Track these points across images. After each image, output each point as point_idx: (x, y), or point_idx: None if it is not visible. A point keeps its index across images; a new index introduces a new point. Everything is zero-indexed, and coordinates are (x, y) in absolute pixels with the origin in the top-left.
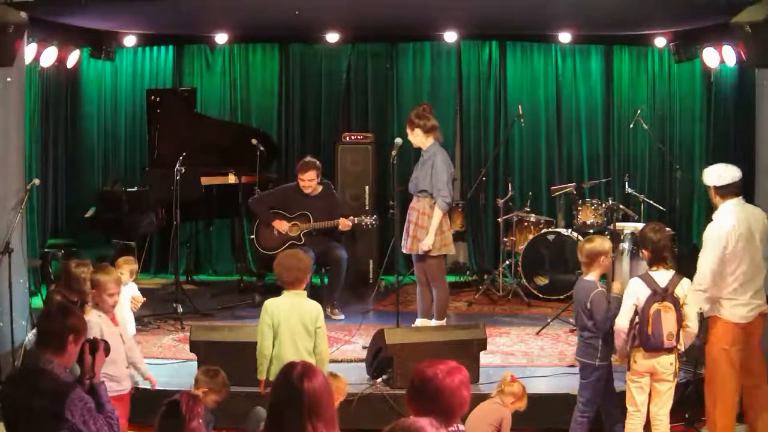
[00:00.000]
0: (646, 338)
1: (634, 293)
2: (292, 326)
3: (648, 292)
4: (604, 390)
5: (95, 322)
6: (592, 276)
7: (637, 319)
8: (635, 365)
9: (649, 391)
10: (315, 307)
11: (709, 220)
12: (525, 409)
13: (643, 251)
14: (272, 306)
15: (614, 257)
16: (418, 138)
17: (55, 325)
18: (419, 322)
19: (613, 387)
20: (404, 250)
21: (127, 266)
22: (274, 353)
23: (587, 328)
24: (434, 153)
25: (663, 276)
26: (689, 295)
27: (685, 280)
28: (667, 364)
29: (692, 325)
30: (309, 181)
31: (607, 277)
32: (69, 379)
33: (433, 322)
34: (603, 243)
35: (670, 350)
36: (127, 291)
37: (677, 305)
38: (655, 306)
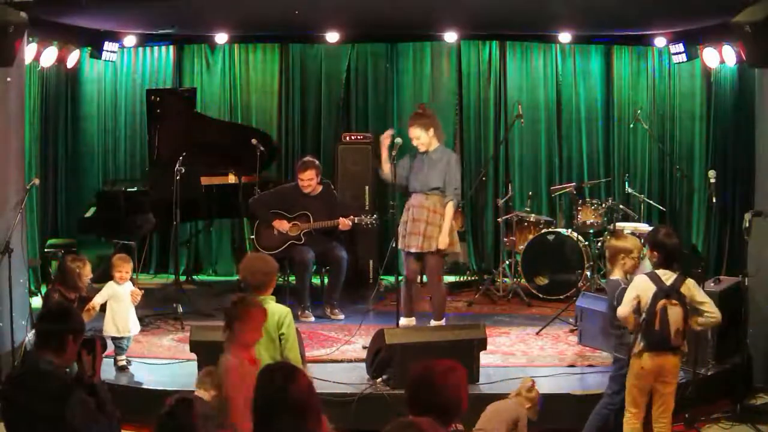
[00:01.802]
0: (653, 335)
1: (637, 287)
2: None
3: (653, 288)
4: None
5: (225, 363)
6: (617, 275)
7: (644, 316)
8: (641, 370)
9: (650, 394)
10: (279, 312)
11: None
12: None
13: (654, 253)
14: None
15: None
16: (431, 137)
17: (54, 326)
18: (406, 321)
19: None
20: (414, 250)
21: (127, 265)
22: None
23: (620, 325)
24: (448, 152)
25: (669, 276)
26: (698, 291)
27: (689, 280)
28: (672, 366)
29: (714, 313)
30: (308, 181)
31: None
32: (70, 380)
33: (433, 323)
34: (624, 242)
35: (675, 352)
36: (127, 288)
37: (684, 303)
38: (662, 302)
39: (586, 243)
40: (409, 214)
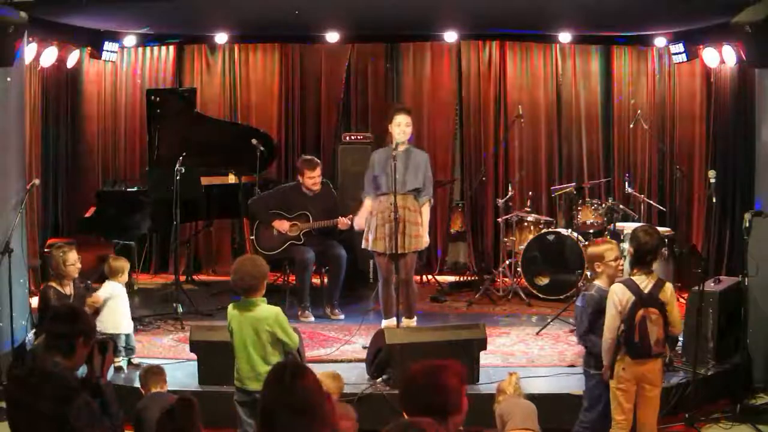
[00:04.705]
0: (633, 346)
1: (618, 300)
2: (245, 334)
3: (631, 297)
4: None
5: None
6: (598, 282)
7: (622, 327)
8: (623, 373)
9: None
10: (267, 314)
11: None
12: None
13: (630, 249)
14: (228, 313)
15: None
16: (410, 134)
17: (64, 329)
18: (387, 323)
19: None
20: (401, 251)
21: (126, 265)
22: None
23: (588, 338)
24: (422, 153)
25: (646, 281)
26: (673, 301)
27: (667, 285)
28: (655, 370)
29: (677, 329)
30: (317, 178)
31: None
32: (76, 382)
33: (405, 321)
34: (595, 248)
35: (657, 357)
36: (123, 287)
37: (663, 310)
38: (641, 312)
39: (586, 243)
40: (389, 216)
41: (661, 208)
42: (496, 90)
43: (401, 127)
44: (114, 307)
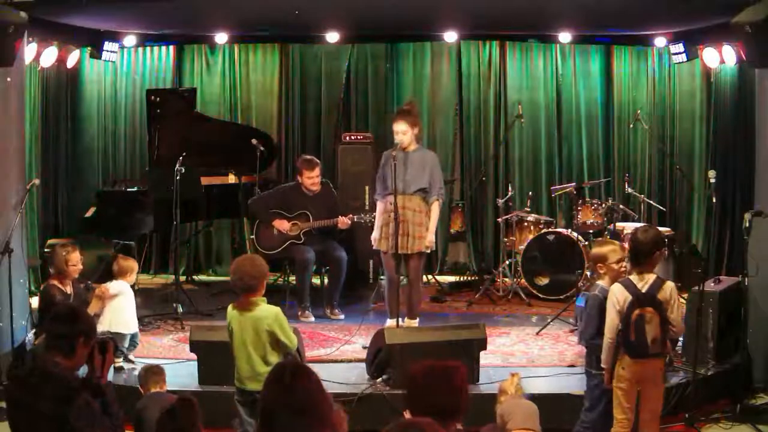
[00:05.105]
0: (630, 345)
1: (617, 301)
2: (245, 334)
3: (629, 297)
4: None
5: None
6: (601, 282)
7: (619, 326)
8: (623, 372)
9: (636, 397)
10: (267, 314)
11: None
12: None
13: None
14: (228, 313)
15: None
16: (414, 135)
17: (64, 329)
18: (392, 322)
19: None
20: (404, 251)
21: (135, 266)
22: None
23: (590, 338)
24: (429, 153)
25: (644, 281)
26: (673, 299)
27: (668, 284)
28: (656, 369)
29: (677, 329)
30: (316, 178)
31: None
32: (76, 382)
33: (408, 321)
34: (601, 249)
35: (657, 355)
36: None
37: (661, 310)
38: (637, 312)
39: (586, 243)
40: (391, 216)
41: (661, 208)
42: (496, 90)
43: (399, 136)
44: (123, 306)
